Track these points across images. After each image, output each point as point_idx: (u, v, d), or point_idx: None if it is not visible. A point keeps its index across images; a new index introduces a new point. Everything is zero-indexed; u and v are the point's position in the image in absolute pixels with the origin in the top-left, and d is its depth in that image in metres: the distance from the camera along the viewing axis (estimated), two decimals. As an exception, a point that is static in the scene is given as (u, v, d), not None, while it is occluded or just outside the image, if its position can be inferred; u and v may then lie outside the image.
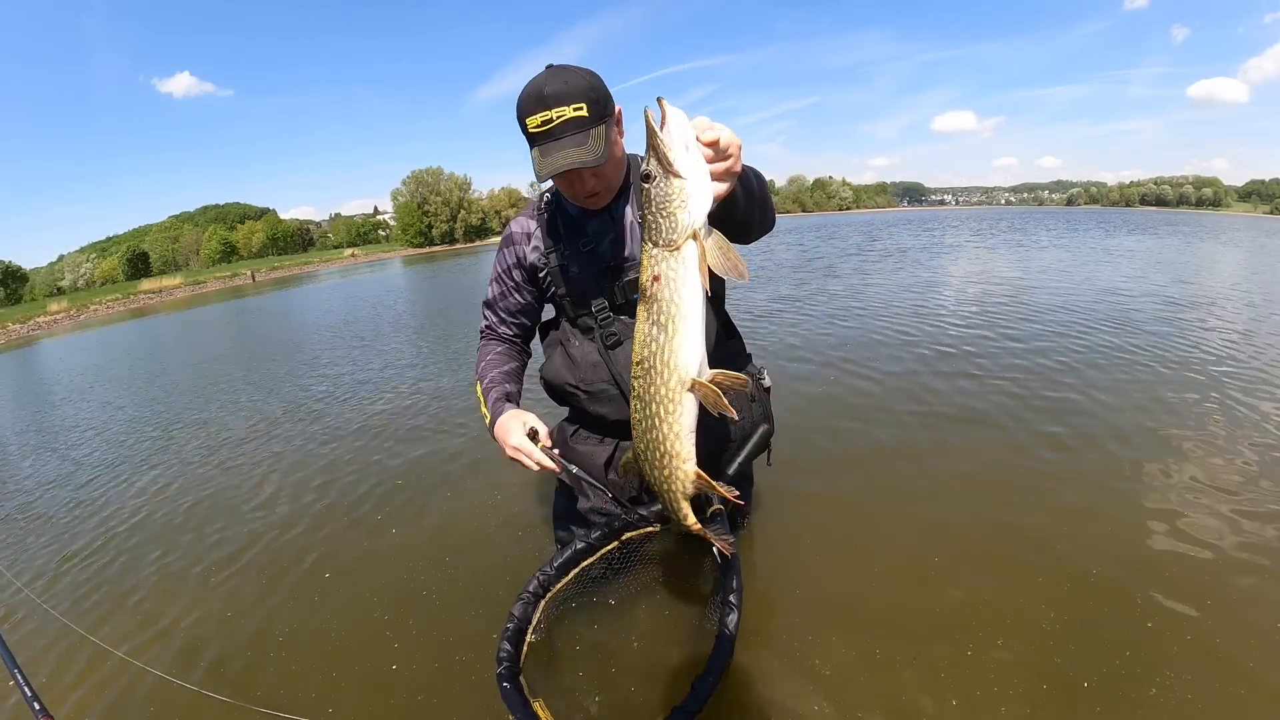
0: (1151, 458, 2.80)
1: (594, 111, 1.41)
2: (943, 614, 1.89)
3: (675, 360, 1.11)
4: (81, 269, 61.25)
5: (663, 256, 1.07)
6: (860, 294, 7.97)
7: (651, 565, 1.83)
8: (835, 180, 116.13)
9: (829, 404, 3.65)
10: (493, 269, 1.83)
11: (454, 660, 1.89)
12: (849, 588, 2.05)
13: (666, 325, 1.09)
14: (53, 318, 28.45)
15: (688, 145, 1.05)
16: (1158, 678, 1.59)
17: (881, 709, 1.58)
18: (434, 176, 61.33)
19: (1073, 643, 1.73)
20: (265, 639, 2.11)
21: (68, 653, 2.16)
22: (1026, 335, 5.13)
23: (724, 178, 1.14)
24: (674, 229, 1.05)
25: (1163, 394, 3.60)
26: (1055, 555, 2.12)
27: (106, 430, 5.34)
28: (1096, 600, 1.90)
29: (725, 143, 1.11)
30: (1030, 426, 3.20)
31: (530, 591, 1.56)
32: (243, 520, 3.05)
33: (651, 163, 1.05)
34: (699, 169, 1.06)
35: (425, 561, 2.45)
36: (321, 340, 8.86)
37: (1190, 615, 1.80)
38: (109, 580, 2.67)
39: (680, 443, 1.17)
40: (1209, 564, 2.05)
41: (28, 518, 3.56)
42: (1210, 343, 4.78)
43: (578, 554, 1.65)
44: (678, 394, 1.12)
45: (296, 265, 49.48)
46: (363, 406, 4.80)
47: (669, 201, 1.04)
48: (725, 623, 1.38)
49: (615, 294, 1.66)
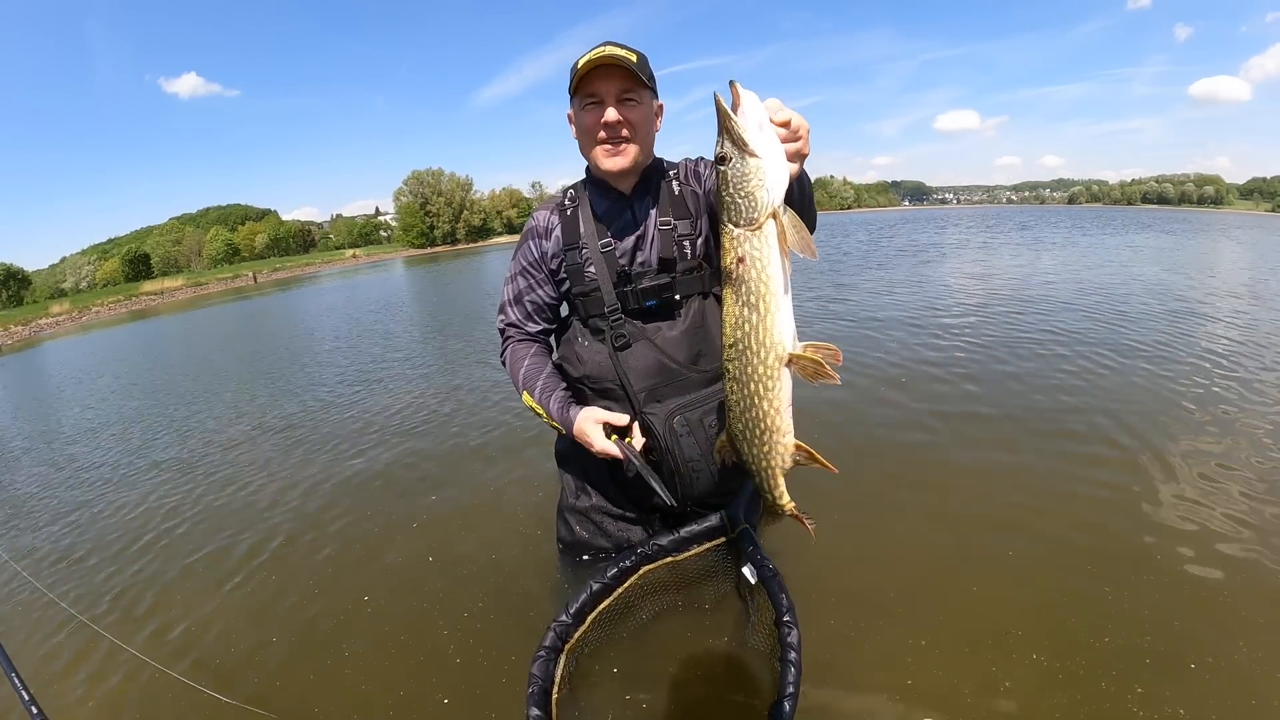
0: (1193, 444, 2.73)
1: (642, 66, 1.52)
2: (978, 606, 1.84)
3: (770, 338, 1.12)
4: (83, 271, 61.26)
5: (745, 237, 1.08)
6: (883, 292, 7.90)
7: (669, 593, 1.70)
8: (837, 180, 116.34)
9: (848, 400, 3.59)
10: (514, 264, 1.78)
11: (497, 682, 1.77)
12: (880, 580, 2.00)
13: (758, 305, 1.10)
14: (55, 319, 28.49)
15: (762, 125, 1.06)
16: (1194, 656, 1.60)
17: (939, 704, 1.51)
18: (436, 177, 61.45)
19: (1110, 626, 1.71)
20: (281, 647, 2.01)
21: (83, 651, 2.09)
22: (1059, 328, 5.14)
23: (794, 159, 1.16)
24: (754, 207, 1.07)
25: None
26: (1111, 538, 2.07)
27: (115, 430, 5.27)
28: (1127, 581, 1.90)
29: (796, 124, 1.14)
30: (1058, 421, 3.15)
31: (547, 646, 1.41)
32: (261, 522, 2.96)
33: (726, 144, 1.06)
34: (775, 148, 1.07)
35: (471, 569, 2.33)
36: (328, 339, 8.79)
37: (1222, 596, 1.82)
38: (135, 583, 2.57)
39: (780, 417, 1.20)
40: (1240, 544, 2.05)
41: (48, 519, 3.47)
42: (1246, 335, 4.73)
43: (594, 596, 1.52)
44: (776, 370, 1.14)
45: (298, 266, 49.61)
46: (378, 407, 4.72)
47: (747, 181, 1.05)
48: (788, 643, 1.29)
49: (629, 298, 1.63)
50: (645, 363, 1.63)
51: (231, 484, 3.53)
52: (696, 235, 1.64)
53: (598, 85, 1.51)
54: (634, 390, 1.62)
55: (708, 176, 1.67)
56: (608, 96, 1.51)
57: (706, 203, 1.65)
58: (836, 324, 6.03)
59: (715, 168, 1.10)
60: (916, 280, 9.05)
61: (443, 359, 6.35)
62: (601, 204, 1.68)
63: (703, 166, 1.71)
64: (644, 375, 1.63)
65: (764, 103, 1.09)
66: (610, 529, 1.90)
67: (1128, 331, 5.04)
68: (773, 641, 1.39)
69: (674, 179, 1.67)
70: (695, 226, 1.64)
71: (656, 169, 1.69)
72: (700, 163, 1.72)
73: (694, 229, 1.64)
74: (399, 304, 13.10)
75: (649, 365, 1.63)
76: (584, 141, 1.61)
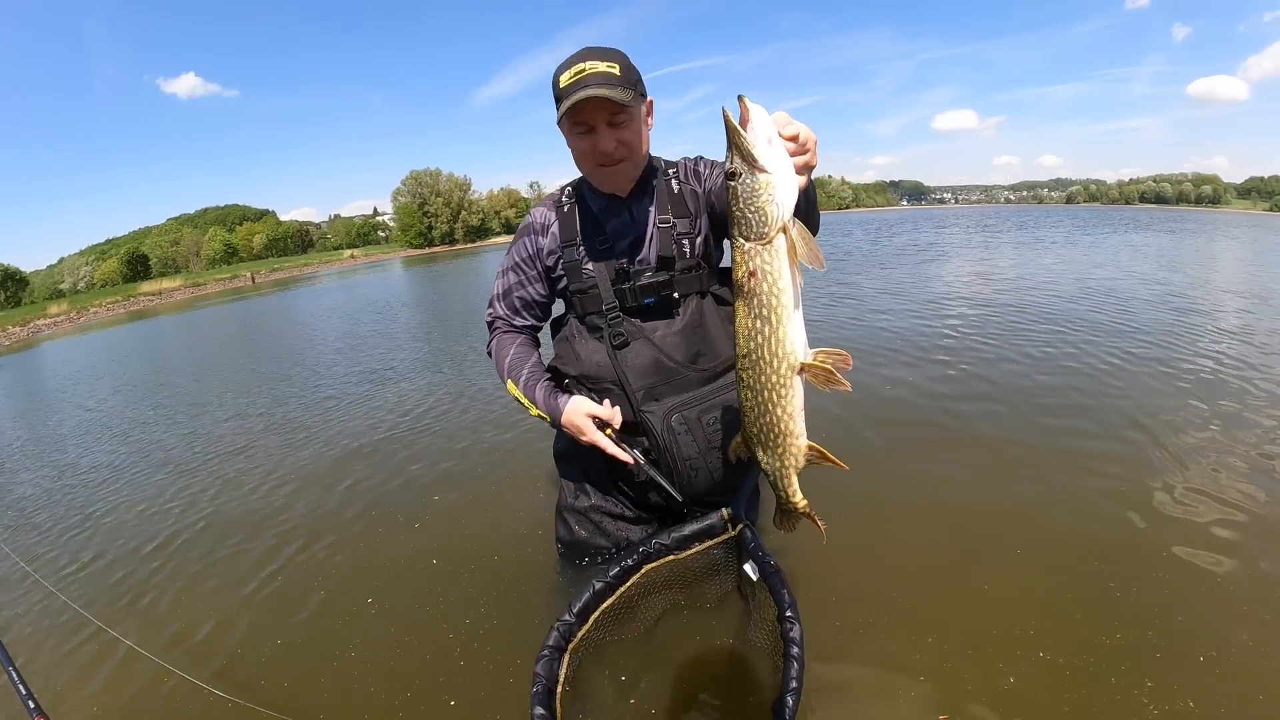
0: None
1: (626, 76, 1.47)
2: (986, 603, 1.84)
3: (783, 349, 1.15)
4: (81, 272, 61.16)
5: (756, 250, 1.11)
6: (884, 290, 7.90)
7: (672, 591, 1.71)
8: (835, 179, 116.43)
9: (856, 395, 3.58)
10: (506, 259, 1.79)
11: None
12: (885, 578, 1.99)
13: (770, 317, 1.13)
14: (53, 320, 28.42)
15: (770, 140, 1.08)
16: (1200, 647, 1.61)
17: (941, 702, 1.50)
18: (434, 177, 61.37)
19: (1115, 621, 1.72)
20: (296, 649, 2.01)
21: (97, 653, 2.09)
22: (1059, 320, 5.14)
23: (803, 171, 1.18)
24: (764, 222, 1.09)
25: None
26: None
27: (117, 432, 5.26)
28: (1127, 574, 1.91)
29: (805, 137, 1.16)
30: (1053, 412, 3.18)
31: (551, 645, 1.42)
32: (262, 521, 2.96)
33: (736, 160, 1.08)
34: (784, 163, 1.09)
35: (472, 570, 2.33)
36: (329, 339, 8.78)
37: (1229, 589, 1.83)
38: (146, 586, 2.56)
39: (794, 422, 1.24)
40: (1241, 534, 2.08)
41: (53, 520, 3.47)
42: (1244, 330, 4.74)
43: (597, 595, 1.52)
44: (788, 379, 1.18)
45: (296, 267, 49.54)
46: (383, 408, 4.71)
47: (757, 196, 1.08)
48: (791, 638, 1.29)
49: (627, 296, 1.63)
50: (643, 361, 1.63)
51: (232, 485, 3.52)
52: (695, 234, 1.64)
53: (585, 115, 1.48)
54: (632, 389, 1.62)
55: (707, 176, 1.66)
56: (599, 124, 1.49)
57: (706, 202, 1.65)
58: (840, 322, 6.02)
59: (725, 183, 1.11)
60: (920, 278, 9.07)
61: (443, 359, 6.36)
62: (599, 202, 1.67)
63: (703, 166, 1.70)
64: (642, 374, 1.63)
65: (772, 115, 1.10)
66: (609, 528, 1.90)
67: (1133, 328, 5.05)
68: (775, 638, 1.38)
69: (674, 177, 1.67)
70: (694, 225, 1.64)
71: (653, 167, 1.68)
72: (700, 162, 1.71)
73: (693, 228, 1.63)
74: (398, 304, 13.08)
75: (647, 363, 1.63)
76: (579, 161, 1.61)
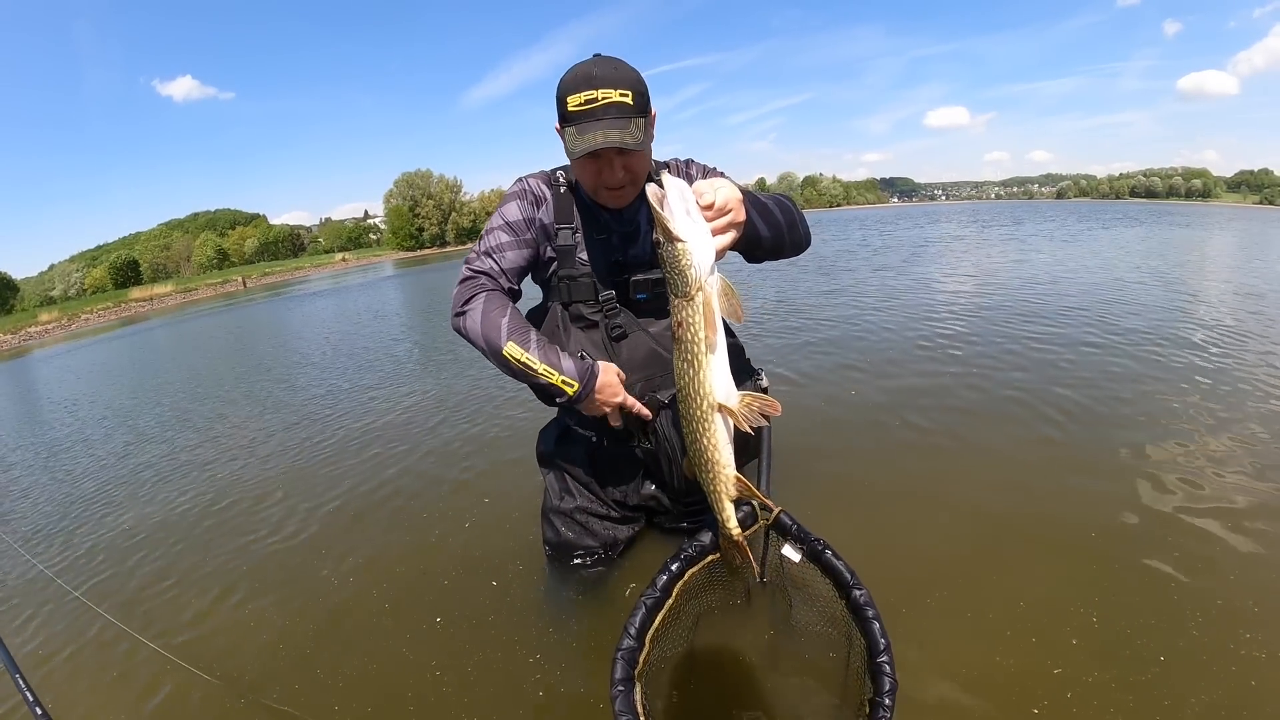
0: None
1: (638, 103, 1.46)
2: (999, 601, 1.78)
3: (703, 389, 1.28)
4: (72, 278, 60.70)
5: (681, 305, 1.23)
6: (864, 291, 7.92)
7: (706, 594, 1.56)
8: (825, 177, 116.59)
9: (848, 392, 3.56)
10: (497, 217, 1.65)
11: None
12: (911, 570, 1.93)
13: (693, 362, 1.27)
14: (44, 327, 28.27)
15: (689, 211, 1.20)
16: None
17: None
18: (425, 179, 61.23)
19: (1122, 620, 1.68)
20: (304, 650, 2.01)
21: (108, 650, 2.09)
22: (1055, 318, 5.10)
23: (729, 229, 1.27)
24: (685, 283, 1.21)
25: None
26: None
27: (126, 437, 5.25)
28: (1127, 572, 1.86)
29: (722, 202, 1.25)
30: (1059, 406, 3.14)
31: (619, 679, 1.21)
32: (264, 523, 2.96)
33: (657, 231, 1.21)
34: (698, 230, 1.21)
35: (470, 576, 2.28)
36: (325, 341, 8.74)
37: (1227, 580, 1.79)
38: (157, 585, 2.55)
39: (719, 451, 1.33)
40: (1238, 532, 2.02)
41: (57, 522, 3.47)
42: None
43: (649, 611, 1.37)
44: (709, 415, 1.30)
45: (287, 270, 49.33)
46: (384, 409, 4.70)
47: (677, 261, 1.20)
48: (864, 603, 1.22)
49: (621, 289, 1.65)
50: (641, 353, 1.65)
51: (231, 488, 3.53)
52: None
53: (588, 169, 1.50)
54: (629, 380, 1.62)
55: (696, 177, 1.68)
56: (611, 156, 1.48)
57: None
58: (840, 321, 5.92)
59: (655, 251, 1.22)
60: (918, 275, 9.00)
61: (442, 359, 6.36)
62: (595, 201, 1.66)
63: (694, 170, 1.72)
64: (640, 365, 1.65)
65: (693, 188, 1.23)
66: (596, 529, 1.91)
67: (1138, 324, 4.91)
68: (830, 613, 1.35)
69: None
70: None
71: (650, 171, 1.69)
72: (691, 165, 1.74)
73: None
74: (392, 306, 13.05)
75: (645, 355, 1.65)
76: (579, 176, 1.58)
